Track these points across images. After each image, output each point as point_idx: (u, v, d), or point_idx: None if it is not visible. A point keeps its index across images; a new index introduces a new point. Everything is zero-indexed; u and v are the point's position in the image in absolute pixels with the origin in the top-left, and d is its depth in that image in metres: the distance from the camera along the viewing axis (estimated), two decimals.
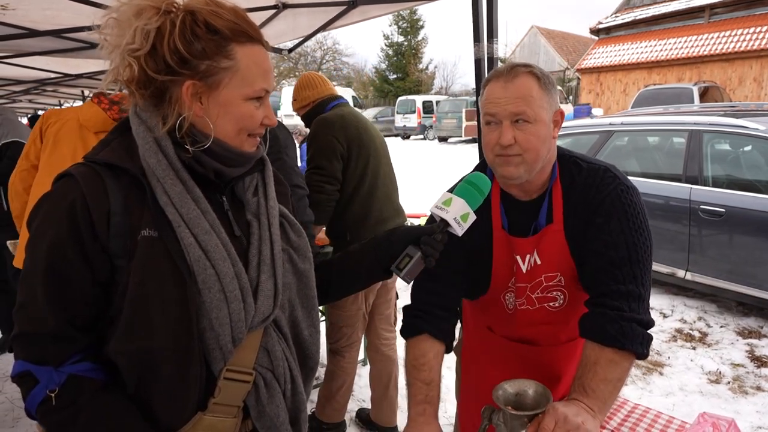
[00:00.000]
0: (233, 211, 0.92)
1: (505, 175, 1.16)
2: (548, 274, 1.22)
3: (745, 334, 3.68)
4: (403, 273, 0.98)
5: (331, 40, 35.98)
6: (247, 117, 0.85)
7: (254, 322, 0.87)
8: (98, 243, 0.78)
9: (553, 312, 1.26)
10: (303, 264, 0.98)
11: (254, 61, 0.84)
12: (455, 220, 0.99)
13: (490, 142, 1.16)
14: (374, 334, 2.50)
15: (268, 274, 0.90)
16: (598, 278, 1.12)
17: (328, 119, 2.22)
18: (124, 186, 0.81)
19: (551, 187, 1.21)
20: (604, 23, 18.55)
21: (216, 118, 0.84)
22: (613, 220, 1.13)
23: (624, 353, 1.05)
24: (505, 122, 1.12)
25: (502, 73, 1.17)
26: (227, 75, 0.82)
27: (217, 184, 0.90)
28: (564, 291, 1.24)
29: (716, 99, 11.64)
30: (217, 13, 0.82)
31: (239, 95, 0.84)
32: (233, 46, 0.82)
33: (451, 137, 19.99)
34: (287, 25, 3.19)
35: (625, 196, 1.16)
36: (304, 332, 0.98)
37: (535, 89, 1.13)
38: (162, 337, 0.78)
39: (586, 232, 1.16)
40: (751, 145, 3.97)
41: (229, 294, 0.82)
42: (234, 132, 0.86)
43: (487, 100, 1.16)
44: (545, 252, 1.21)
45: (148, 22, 0.78)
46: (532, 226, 1.22)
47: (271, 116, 0.89)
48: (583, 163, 1.23)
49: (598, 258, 1.13)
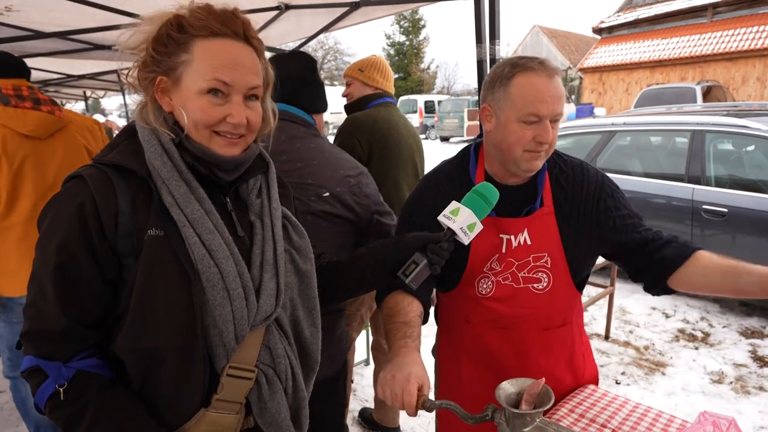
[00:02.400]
0: (237, 212, 0.94)
1: (532, 168, 1.22)
2: (536, 254, 1.26)
3: (747, 334, 3.68)
4: (409, 279, 1.01)
5: (332, 39, 36.02)
6: (198, 111, 0.83)
7: (257, 321, 0.88)
8: (107, 242, 0.79)
9: (536, 294, 1.28)
10: (305, 264, 1.00)
11: (211, 54, 0.82)
12: (462, 229, 1.02)
13: (525, 137, 1.17)
14: (380, 334, 2.51)
15: (270, 273, 0.91)
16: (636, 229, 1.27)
17: (358, 120, 2.19)
18: (131, 187, 0.83)
19: (542, 173, 1.28)
20: (607, 22, 18.51)
21: (180, 114, 0.85)
22: (617, 195, 1.30)
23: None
24: (547, 121, 1.16)
25: (539, 68, 1.17)
26: (185, 68, 0.83)
27: (221, 186, 0.92)
28: (549, 273, 1.27)
29: (719, 98, 11.60)
30: (194, 14, 0.83)
31: (194, 89, 0.83)
32: (193, 41, 0.83)
33: (452, 137, 20.01)
34: (290, 26, 3.20)
35: (606, 177, 1.33)
36: (305, 331, 1.00)
37: (563, 89, 1.20)
38: (167, 335, 0.80)
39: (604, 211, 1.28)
40: (754, 145, 3.96)
41: (232, 292, 0.83)
42: (193, 127, 0.85)
43: (534, 98, 1.15)
44: (536, 232, 1.26)
45: (150, 31, 0.83)
46: (525, 209, 1.27)
47: (234, 114, 0.84)
48: (564, 156, 1.35)
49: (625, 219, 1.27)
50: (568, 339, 1.36)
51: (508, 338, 1.32)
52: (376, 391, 1.12)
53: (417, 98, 22.67)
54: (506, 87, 1.19)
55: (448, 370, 1.48)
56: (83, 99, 9.29)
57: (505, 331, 1.31)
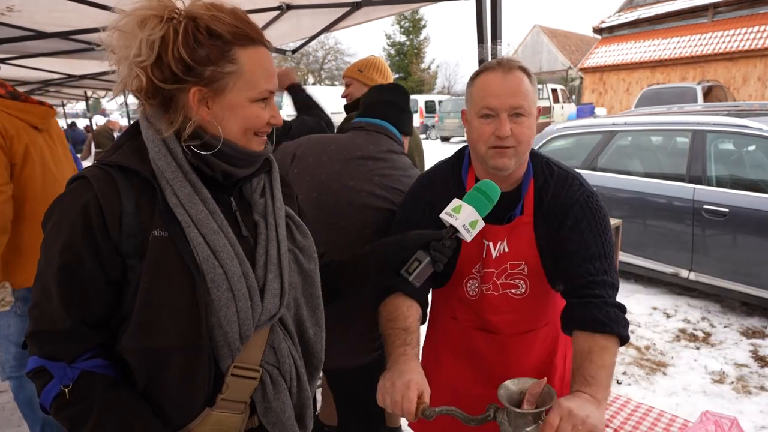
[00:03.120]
0: (241, 212, 0.94)
1: (498, 166, 1.20)
2: (513, 261, 1.28)
3: (749, 334, 3.68)
4: (412, 277, 1.03)
5: (333, 39, 36.01)
6: (253, 118, 0.88)
7: (261, 320, 0.88)
8: (111, 243, 0.80)
9: (515, 299, 1.30)
10: (308, 264, 1.00)
11: (257, 64, 0.86)
12: (464, 227, 1.03)
13: (485, 134, 1.19)
14: None
15: (274, 273, 0.91)
16: (575, 272, 1.18)
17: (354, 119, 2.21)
18: (135, 188, 0.83)
19: (527, 181, 1.28)
20: (607, 22, 18.51)
21: (223, 120, 0.86)
22: (582, 222, 1.22)
23: (612, 338, 1.09)
24: (503, 115, 1.16)
25: (497, 66, 1.20)
26: (232, 79, 0.84)
27: (225, 186, 0.92)
28: (526, 280, 1.29)
29: (720, 98, 11.59)
30: (218, 17, 0.83)
31: (244, 98, 0.86)
32: (236, 50, 0.84)
33: (453, 137, 20.00)
34: (291, 26, 3.21)
35: (591, 201, 1.24)
36: (308, 331, 1.00)
37: (527, 84, 1.19)
38: (172, 335, 0.80)
39: (559, 232, 1.23)
40: (755, 144, 3.96)
41: (237, 292, 0.84)
42: (241, 133, 0.88)
43: (485, 92, 1.19)
44: (514, 241, 1.27)
45: (151, 32, 0.80)
46: (507, 216, 1.28)
47: (276, 116, 0.92)
48: (554, 167, 1.31)
49: (572, 256, 1.20)
50: (550, 337, 1.39)
51: (492, 339, 1.35)
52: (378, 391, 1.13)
53: (417, 98, 22.66)
54: (470, 89, 1.26)
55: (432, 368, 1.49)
56: (84, 99, 9.31)
57: (490, 333, 1.35)
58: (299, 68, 37.19)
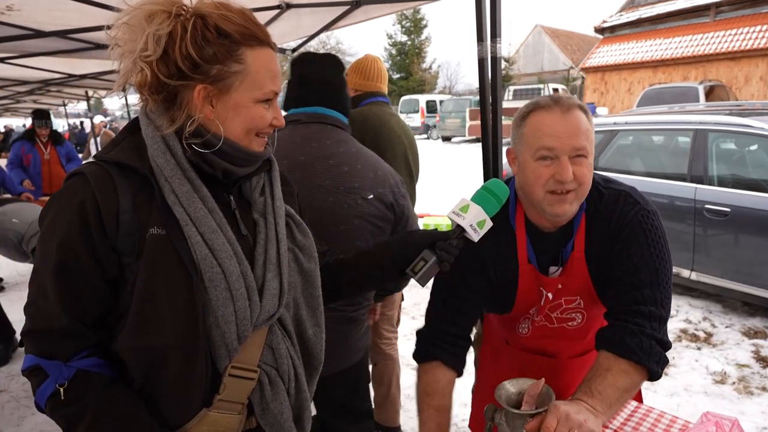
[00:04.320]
0: (240, 211, 0.94)
1: (558, 213, 1.12)
2: (568, 297, 1.24)
3: (750, 334, 3.66)
4: (418, 276, 1.01)
5: (334, 39, 36.03)
6: (257, 119, 0.88)
7: (259, 320, 0.88)
8: (107, 241, 0.79)
9: (570, 330, 1.29)
10: (308, 264, 0.99)
11: (263, 65, 0.86)
12: (471, 226, 1.01)
13: (542, 177, 1.10)
14: (376, 334, 2.50)
15: (273, 273, 0.91)
16: (621, 300, 1.13)
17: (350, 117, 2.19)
18: (133, 185, 0.82)
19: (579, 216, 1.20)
20: (609, 22, 18.47)
21: (226, 120, 0.86)
22: (633, 245, 1.13)
23: (639, 368, 1.05)
24: (564, 158, 1.08)
25: (554, 104, 1.12)
26: (238, 79, 0.84)
27: (224, 184, 0.92)
28: (583, 312, 1.26)
29: (722, 98, 11.55)
30: (227, 17, 0.83)
31: (249, 98, 0.86)
32: (243, 50, 0.84)
33: (454, 137, 19.99)
34: (291, 26, 3.20)
35: (646, 221, 1.15)
36: (308, 331, 0.99)
37: (586, 122, 1.11)
38: (169, 334, 0.79)
39: (609, 257, 1.16)
40: (757, 144, 3.94)
41: (235, 292, 0.83)
42: (243, 133, 0.88)
43: (543, 132, 1.11)
44: (567, 278, 1.22)
45: (159, 27, 0.80)
46: (560, 255, 1.22)
47: (279, 117, 0.92)
48: (603, 189, 1.21)
49: (619, 281, 1.13)
50: None
51: (547, 362, 1.34)
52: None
53: (419, 98, 22.66)
54: (521, 128, 1.17)
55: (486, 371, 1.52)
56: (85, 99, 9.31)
57: (544, 356, 1.34)
58: None
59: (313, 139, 1.49)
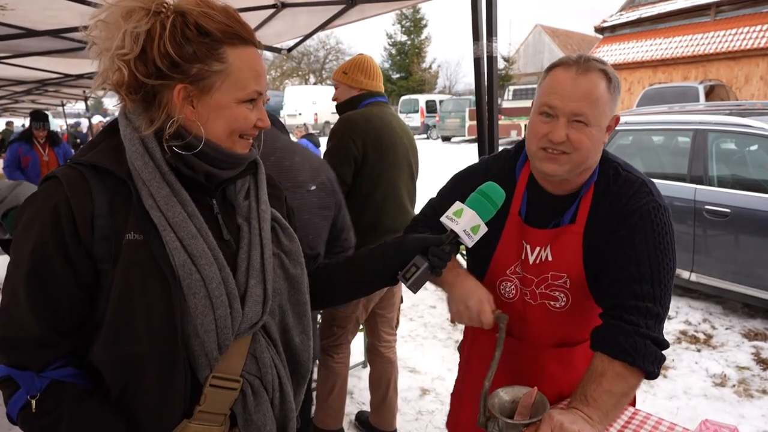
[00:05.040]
0: (223, 215, 0.91)
1: (545, 170, 1.11)
2: (556, 272, 1.20)
3: (750, 336, 3.63)
4: (410, 282, 0.98)
5: (334, 39, 36.02)
6: (240, 120, 0.85)
7: (242, 329, 0.85)
8: (82, 246, 0.76)
9: (553, 312, 1.24)
10: (295, 269, 0.96)
11: (246, 64, 0.83)
12: (465, 232, 0.98)
13: (539, 132, 1.09)
14: (375, 336, 2.48)
15: (257, 279, 0.88)
16: (616, 291, 1.08)
17: (352, 119, 2.16)
18: (109, 188, 0.80)
19: (586, 187, 1.17)
20: (609, 21, 18.44)
21: (207, 121, 0.83)
22: (638, 235, 1.09)
23: (634, 369, 1.02)
24: (562, 119, 1.06)
25: (574, 62, 1.08)
26: (219, 78, 0.82)
27: (207, 187, 0.89)
28: (567, 293, 1.21)
29: (722, 98, 11.53)
30: (208, 14, 0.80)
31: (232, 98, 0.83)
32: (225, 49, 0.81)
33: (454, 137, 19.97)
34: (286, 25, 3.17)
35: (656, 214, 1.11)
36: (294, 339, 0.96)
37: (603, 91, 1.07)
38: (146, 344, 0.77)
39: (609, 241, 1.12)
40: (757, 144, 3.92)
41: (215, 300, 0.80)
42: (225, 134, 0.85)
43: (551, 88, 1.08)
44: (559, 250, 1.18)
45: (137, 24, 0.77)
46: (553, 222, 1.19)
47: (264, 118, 0.89)
48: (622, 171, 1.17)
49: (619, 271, 1.09)
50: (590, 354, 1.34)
51: (524, 347, 1.29)
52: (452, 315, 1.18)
53: (418, 98, 22.64)
54: (541, 81, 1.14)
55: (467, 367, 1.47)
56: (83, 99, 9.29)
57: (521, 341, 1.29)
58: (300, 68, 37.19)
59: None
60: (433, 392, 3.01)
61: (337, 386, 2.35)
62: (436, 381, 3.12)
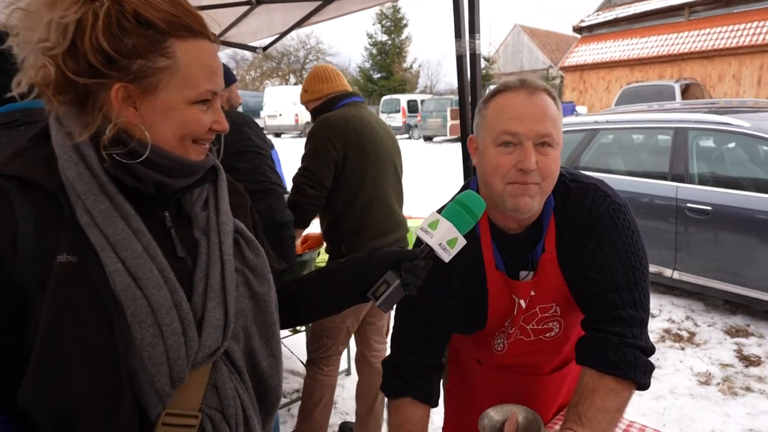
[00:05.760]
0: (178, 229, 0.81)
1: (520, 208, 1.00)
2: (543, 305, 1.13)
3: (732, 332, 3.65)
4: (380, 302, 0.88)
5: (314, 39, 35.85)
6: (192, 122, 0.75)
7: (199, 358, 0.75)
8: (4, 270, 0.66)
9: (548, 341, 1.19)
10: (261, 287, 0.87)
11: (197, 60, 0.74)
12: (441, 245, 0.88)
13: (503, 166, 0.99)
14: (365, 345, 2.38)
15: (216, 301, 0.78)
16: (597, 305, 1.04)
17: (329, 120, 2.07)
18: (36, 204, 0.69)
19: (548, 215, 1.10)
20: (587, 21, 18.68)
21: (153, 124, 0.73)
22: (606, 243, 1.05)
23: (625, 383, 0.97)
24: (528, 144, 0.97)
25: (521, 84, 1.02)
26: (165, 76, 0.72)
27: (158, 199, 0.79)
28: (560, 320, 1.16)
29: (697, 96, 11.75)
30: (150, 2, 0.70)
31: (181, 99, 0.73)
32: (171, 42, 0.72)
33: (436, 136, 19.98)
34: (262, 22, 3.07)
35: (618, 215, 1.07)
36: (262, 363, 0.87)
37: (554, 109, 1.01)
38: (82, 382, 0.66)
39: (581, 257, 1.07)
40: (735, 142, 3.95)
41: (166, 328, 0.70)
42: (176, 139, 0.75)
43: (506, 115, 1.00)
44: (540, 284, 1.11)
45: (65, 13, 0.66)
46: (529, 258, 1.12)
47: (221, 121, 0.79)
48: (570, 182, 1.12)
49: (595, 284, 1.04)
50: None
51: (522, 380, 1.24)
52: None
53: (400, 98, 22.60)
54: (484, 112, 1.06)
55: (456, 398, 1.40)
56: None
57: (520, 375, 1.23)
58: (280, 68, 36.85)
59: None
60: None
61: (324, 399, 2.26)
62: None
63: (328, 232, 2.21)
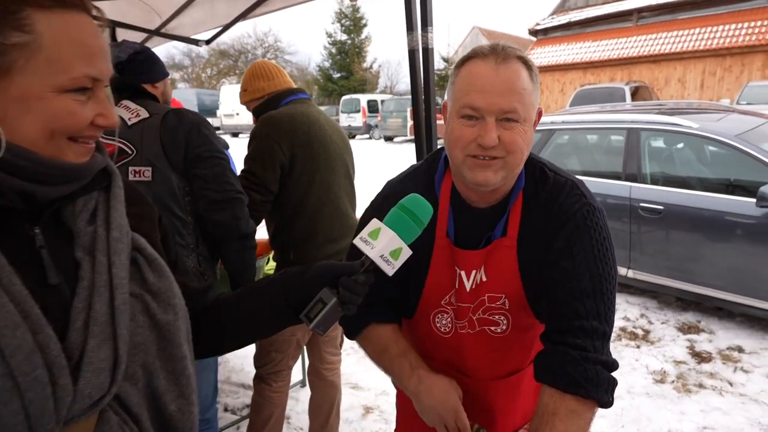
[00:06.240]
0: (54, 249, 0.65)
1: (478, 181, 0.95)
2: (492, 294, 1.04)
3: (684, 329, 3.73)
4: (314, 324, 0.76)
5: (272, 37, 35.19)
6: (64, 116, 0.60)
7: (75, 411, 0.59)
8: None
9: (494, 338, 1.09)
10: (165, 314, 0.71)
11: (69, 36, 0.60)
12: (383, 257, 0.76)
13: (464, 138, 0.94)
14: (317, 357, 2.23)
15: (101, 336, 0.63)
16: (558, 311, 0.96)
17: (274, 119, 1.90)
18: None
19: (515, 195, 1.03)
20: (542, 24, 19.15)
21: (7, 117, 0.58)
22: (576, 245, 0.97)
23: (587, 402, 0.89)
24: (490, 119, 0.92)
25: (491, 51, 0.94)
26: (22, 55, 0.57)
27: (26, 212, 0.63)
28: (507, 315, 1.06)
29: (646, 98, 12.24)
30: None
31: (46, 85, 0.59)
32: (29, 14, 0.57)
33: (396, 136, 19.98)
34: (205, 13, 2.87)
35: (591, 218, 0.99)
36: (169, 407, 0.72)
37: (527, 81, 0.94)
38: None
39: (546, 256, 0.99)
40: (683, 142, 4.04)
41: (23, 379, 0.54)
42: (43, 136, 0.60)
43: (469, 86, 0.94)
44: (493, 269, 1.03)
45: None
46: (485, 238, 1.03)
47: (107, 114, 0.64)
48: (550, 173, 1.05)
49: (559, 288, 0.96)
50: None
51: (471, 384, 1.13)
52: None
53: (360, 97, 22.47)
54: (453, 78, 1.00)
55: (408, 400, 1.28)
56: None
57: (468, 377, 1.13)
58: (237, 66, 35.95)
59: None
60: (377, 410, 2.81)
61: (274, 417, 2.10)
62: (381, 397, 2.93)
63: (276, 239, 2.05)
